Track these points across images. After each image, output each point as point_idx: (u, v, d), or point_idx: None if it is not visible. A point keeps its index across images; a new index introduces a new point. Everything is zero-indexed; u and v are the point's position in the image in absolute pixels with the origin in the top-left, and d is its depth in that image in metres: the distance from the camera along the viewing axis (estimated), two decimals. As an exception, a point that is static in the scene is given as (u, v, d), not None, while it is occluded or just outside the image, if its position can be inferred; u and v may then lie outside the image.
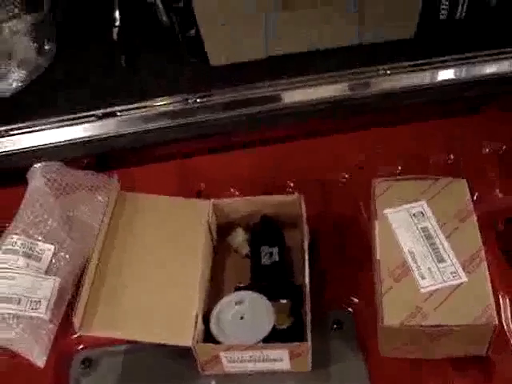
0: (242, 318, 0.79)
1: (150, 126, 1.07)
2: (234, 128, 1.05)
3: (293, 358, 0.76)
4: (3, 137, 1.08)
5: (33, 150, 1.07)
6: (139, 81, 1.13)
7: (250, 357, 0.76)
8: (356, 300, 0.85)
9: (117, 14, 1.18)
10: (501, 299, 0.82)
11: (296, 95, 1.04)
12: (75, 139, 1.07)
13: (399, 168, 0.97)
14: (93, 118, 1.09)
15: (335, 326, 0.83)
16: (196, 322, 0.77)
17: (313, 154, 1.00)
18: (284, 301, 0.81)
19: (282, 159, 1.00)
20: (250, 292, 0.81)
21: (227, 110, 1.07)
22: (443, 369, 0.78)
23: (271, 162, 1.00)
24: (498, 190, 0.93)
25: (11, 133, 1.09)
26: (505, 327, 0.80)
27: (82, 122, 1.08)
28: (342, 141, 1.01)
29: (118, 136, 1.07)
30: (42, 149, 1.07)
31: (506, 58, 1.04)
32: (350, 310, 0.84)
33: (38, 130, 1.08)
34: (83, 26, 1.21)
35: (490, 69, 1.03)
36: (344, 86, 1.02)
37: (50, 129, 1.08)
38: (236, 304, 0.80)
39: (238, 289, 0.83)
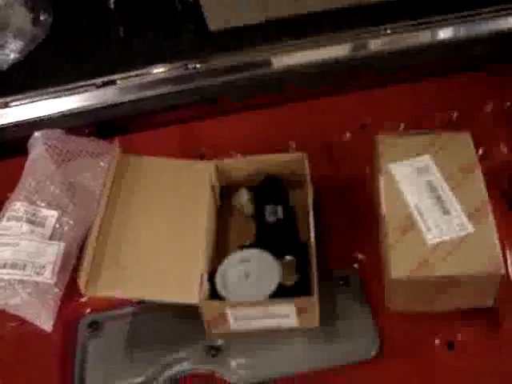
0: (247, 276, 0.79)
1: (150, 93, 1.07)
2: (235, 92, 1.04)
3: (300, 314, 0.76)
4: (2, 108, 1.08)
5: (33, 121, 1.07)
6: (138, 49, 1.12)
7: (257, 313, 0.76)
8: (362, 256, 0.84)
9: (113, -17, 1.17)
10: (508, 253, 0.81)
11: (296, 58, 1.04)
12: (75, 109, 1.07)
13: (402, 126, 0.97)
14: (92, 87, 1.08)
15: (341, 282, 0.82)
16: (202, 281, 0.77)
17: (314, 115, 1.00)
18: (289, 257, 0.80)
19: (283, 121, 1.00)
20: (255, 250, 0.80)
21: (227, 74, 1.06)
22: (451, 321, 0.77)
23: (273, 124, 1.00)
24: (502, 146, 0.93)
25: (10, 104, 1.08)
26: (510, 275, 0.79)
27: (82, 92, 1.08)
28: (344, 101, 1.00)
29: (119, 104, 1.07)
30: (42, 119, 1.07)
31: (509, 15, 1.03)
32: (355, 266, 0.84)
33: (37, 101, 1.08)
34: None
35: (493, 26, 1.02)
36: (344, 47, 1.02)
37: (49, 99, 1.08)
38: (241, 262, 0.80)
39: (242, 247, 0.82)
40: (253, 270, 0.79)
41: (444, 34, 1.02)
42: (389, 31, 1.01)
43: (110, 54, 1.11)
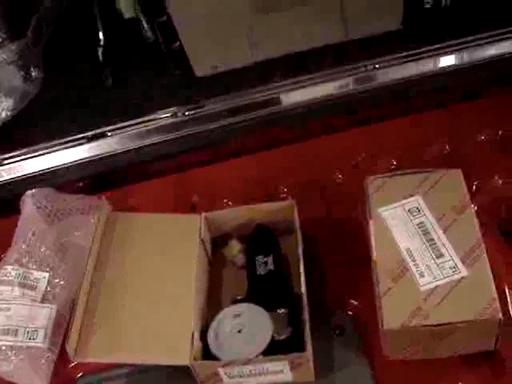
0: (239, 331, 0.77)
1: (141, 143, 1.07)
2: (224, 138, 1.04)
3: (294, 369, 0.74)
4: (-3, 166, 1.08)
5: (26, 178, 1.07)
6: (127, 99, 1.12)
7: (250, 371, 0.74)
8: (357, 303, 0.82)
9: (101, 34, 1.18)
10: (507, 289, 0.79)
11: (285, 98, 1.03)
12: (68, 163, 1.07)
13: (394, 163, 0.95)
14: (83, 141, 1.08)
15: (337, 331, 0.80)
16: (192, 340, 0.76)
17: (305, 156, 0.98)
18: (282, 310, 0.78)
19: (273, 165, 0.99)
20: (247, 304, 0.79)
21: (216, 120, 1.06)
22: (453, 367, 0.75)
23: (263, 168, 0.99)
24: (497, 177, 0.90)
25: (3, 162, 1.09)
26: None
27: (74, 146, 1.08)
28: (334, 141, 0.99)
29: (110, 156, 1.07)
30: (35, 176, 1.07)
31: (495, 41, 1.02)
32: (350, 313, 0.81)
33: (30, 157, 1.09)
34: (69, 49, 1.20)
35: (480, 54, 1.01)
36: (333, 85, 1.01)
37: (42, 155, 1.08)
38: (233, 317, 0.78)
39: (235, 301, 0.81)
40: (245, 326, 0.77)
41: (432, 65, 1.00)
42: (376, 66, 1.00)
43: (100, 107, 1.12)
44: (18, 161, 1.09)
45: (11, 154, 1.09)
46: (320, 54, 1.04)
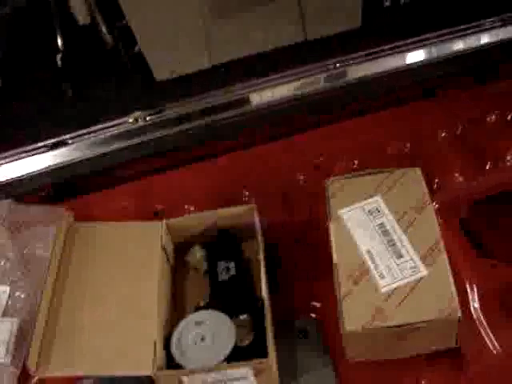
0: (202, 339, 0.77)
1: (103, 150, 1.05)
2: (186, 142, 1.03)
3: (258, 375, 0.73)
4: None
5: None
6: (88, 106, 1.11)
7: (215, 378, 0.74)
8: (320, 305, 0.82)
9: (59, 41, 1.16)
10: (468, 287, 0.79)
11: (245, 101, 1.02)
12: (28, 173, 1.05)
13: (356, 162, 0.95)
14: (44, 149, 1.07)
15: (301, 334, 0.80)
16: (155, 350, 0.75)
17: (267, 159, 0.98)
18: (244, 316, 0.78)
19: (235, 169, 0.98)
20: (210, 311, 0.78)
21: (177, 125, 1.05)
22: (416, 365, 0.75)
23: (225, 172, 0.98)
24: (457, 175, 0.91)
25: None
26: (474, 316, 0.77)
27: (34, 154, 1.06)
28: (295, 143, 0.99)
29: (71, 164, 1.05)
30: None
31: (454, 38, 1.02)
32: (314, 316, 0.81)
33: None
34: (27, 58, 1.18)
35: (440, 51, 1.01)
36: (293, 86, 1.00)
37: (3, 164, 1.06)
38: (196, 325, 0.78)
39: (197, 309, 0.80)
40: (208, 333, 0.77)
41: (392, 63, 1.00)
42: (336, 65, 1.00)
43: (59, 114, 1.10)
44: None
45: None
46: (279, 55, 1.04)
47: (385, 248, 0.76)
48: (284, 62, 1.04)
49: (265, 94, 1.02)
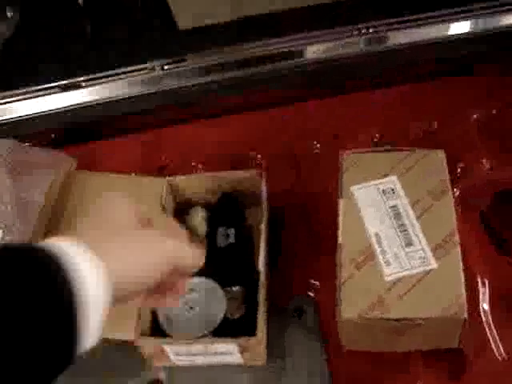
0: (191, 307, 0.73)
1: (116, 96, 1.00)
2: (201, 97, 0.97)
3: (244, 352, 0.69)
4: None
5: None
6: (105, 49, 1.05)
7: (198, 350, 0.70)
8: (319, 285, 0.77)
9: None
10: (480, 285, 0.74)
11: (267, 60, 0.96)
12: (35, 114, 1.01)
13: (377, 136, 0.88)
14: (56, 90, 1.02)
15: (296, 313, 0.76)
16: (139, 314, 0.71)
17: (284, 123, 0.92)
18: (237, 288, 0.74)
19: (250, 129, 0.92)
20: (202, 278, 0.74)
21: (195, 76, 0.99)
22: (412, 362, 0.70)
23: (239, 132, 0.92)
24: (485, 161, 0.84)
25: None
26: (482, 317, 0.71)
27: (45, 94, 1.02)
28: (315, 108, 0.92)
29: (83, 108, 1.01)
30: (2, 124, 1.02)
31: (502, 12, 0.93)
32: (312, 295, 0.77)
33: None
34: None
35: (477, 25, 0.92)
36: (317, 48, 0.93)
37: (11, 102, 1.02)
38: (187, 291, 0.74)
39: (190, 275, 0.76)
40: (198, 302, 0.73)
41: (423, 34, 0.92)
42: (364, 31, 0.92)
43: (75, 55, 1.05)
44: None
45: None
46: (308, 14, 0.96)
47: (395, 233, 0.71)
48: (313, 21, 0.97)
49: (289, 54, 0.95)
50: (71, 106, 1.01)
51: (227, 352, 0.70)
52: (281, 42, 0.96)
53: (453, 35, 0.95)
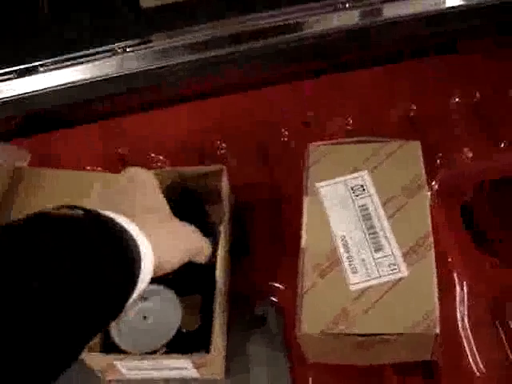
0: (145, 317, 0.67)
1: (74, 81, 0.93)
2: (165, 81, 0.90)
3: (199, 368, 0.64)
4: None
5: None
6: (64, 30, 0.98)
7: (151, 365, 0.65)
8: (284, 288, 0.71)
9: None
10: (458, 288, 0.68)
11: (235, 40, 0.88)
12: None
13: (350, 122, 0.81)
14: (11, 76, 0.95)
15: (258, 321, 0.70)
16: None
17: (250, 108, 0.85)
18: (195, 296, 0.68)
19: (215, 116, 0.85)
20: (157, 286, 0.68)
21: (159, 59, 0.92)
22: (383, 374, 0.65)
23: (203, 119, 0.85)
24: (467, 150, 0.77)
25: None
26: (459, 326, 0.65)
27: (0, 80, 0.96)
28: (283, 92, 0.85)
29: (39, 95, 0.94)
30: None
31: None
32: (275, 300, 0.71)
33: None
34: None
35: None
36: (288, 24, 0.84)
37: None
38: (140, 300, 0.68)
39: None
40: (151, 311, 0.67)
41: (402, 8, 0.83)
42: (339, 6, 0.83)
43: (32, 38, 0.97)
44: None
45: None
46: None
47: (363, 236, 0.64)
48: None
49: (258, 33, 0.87)
50: (27, 93, 0.94)
51: (181, 367, 0.64)
52: (249, 20, 0.89)
53: (435, 9, 0.87)
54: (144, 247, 0.47)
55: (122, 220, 0.47)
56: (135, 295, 0.48)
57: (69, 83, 0.94)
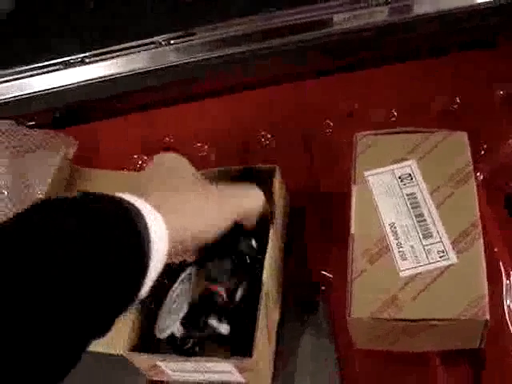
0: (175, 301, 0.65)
1: (118, 73, 0.95)
2: (209, 73, 0.91)
3: (243, 372, 0.63)
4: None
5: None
6: (109, 23, 1.00)
7: (192, 367, 0.64)
8: (331, 276, 0.72)
9: None
10: (504, 279, 0.68)
11: (277, 33, 0.89)
12: (39, 91, 0.96)
13: (395, 114, 0.82)
14: (58, 67, 0.97)
15: (304, 310, 0.71)
16: (134, 327, 0.65)
17: (294, 100, 0.86)
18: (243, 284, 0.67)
19: (260, 107, 0.86)
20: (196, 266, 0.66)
21: (202, 51, 0.93)
22: (428, 362, 0.65)
23: (248, 110, 0.87)
24: (511, 141, 0.77)
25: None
26: (506, 316, 0.66)
27: (46, 72, 0.97)
28: (327, 84, 0.86)
29: (86, 86, 0.96)
30: (1, 103, 0.97)
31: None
32: (323, 288, 0.72)
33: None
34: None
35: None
36: (331, 20, 0.86)
37: (10, 81, 0.97)
38: (180, 283, 0.65)
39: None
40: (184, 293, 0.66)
41: (442, 3, 0.84)
42: (380, 0, 0.84)
43: (78, 31, 0.99)
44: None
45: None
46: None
47: (412, 223, 0.65)
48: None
49: (301, 27, 0.88)
50: (73, 83, 0.96)
51: (226, 371, 0.63)
52: (291, 14, 0.90)
53: (476, 4, 0.87)
54: (154, 222, 0.46)
55: (129, 198, 0.46)
56: (153, 275, 0.46)
57: (113, 75, 0.97)
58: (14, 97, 0.95)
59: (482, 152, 0.76)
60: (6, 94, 0.96)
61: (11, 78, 0.95)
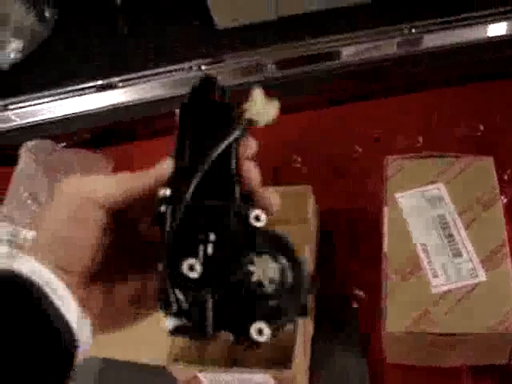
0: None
1: (152, 97, 1.00)
2: (241, 97, 0.95)
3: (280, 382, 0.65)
4: (1, 112, 1.02)
5: (31, 126, 1.01)
6: (142, 49, 1.04)
7: (230, 378, 0.66)
8: (364, 296, 0.75)
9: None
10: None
11: (306, 61, 0.94)
12: (74, 113, 1.01)
13: (420, 141, 0.86)
14: (92, 90, 1.02)
15: (337, 327, 0.73)
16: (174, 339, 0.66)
17: (323, 125, 0.90)
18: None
19: (290, 131, 0.90)
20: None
21: (234, 77, 0.98)
22: (458, 377, 0.67)
23: (279, 134, 0.90)
24: (534, 167, 0.81)
25: (10, 107, 1.03)
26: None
27: (81, 94, 1.02)
28: (355, 110, 0.90)
29: (119, 108, 1.00)
30: (40, 124, 1.01)
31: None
32: (356, 306, 0.75)
33: (36, 104, 1.02)
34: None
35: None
36: (357, 49, 0.90)
37: (47, 102, 1.02)
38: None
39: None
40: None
41: (473, 33, 0.89)
42: (407, 31, 0.89)
43: (112, 56, 1.04)
44: (23, 107, 1.03)
45: (17, 99, 1.03)
46: (343, 15, 0.94)
47: (442, 243, 0.68)
48: (348, 22, 0.95)
49: (328, 55, 0.93)
50: (107, 106, 1.01)
51: (263, 382, 0.65)
52: (320, 43, 0.94)
53: (495, 36, 0.92)
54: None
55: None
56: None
57: (144, 99, 1.01)
58: (51, 118, 1.00)
59: (506, 177, 0.80)
60: (43, 114, 1.01)
61: (49, 99, 1.00)
